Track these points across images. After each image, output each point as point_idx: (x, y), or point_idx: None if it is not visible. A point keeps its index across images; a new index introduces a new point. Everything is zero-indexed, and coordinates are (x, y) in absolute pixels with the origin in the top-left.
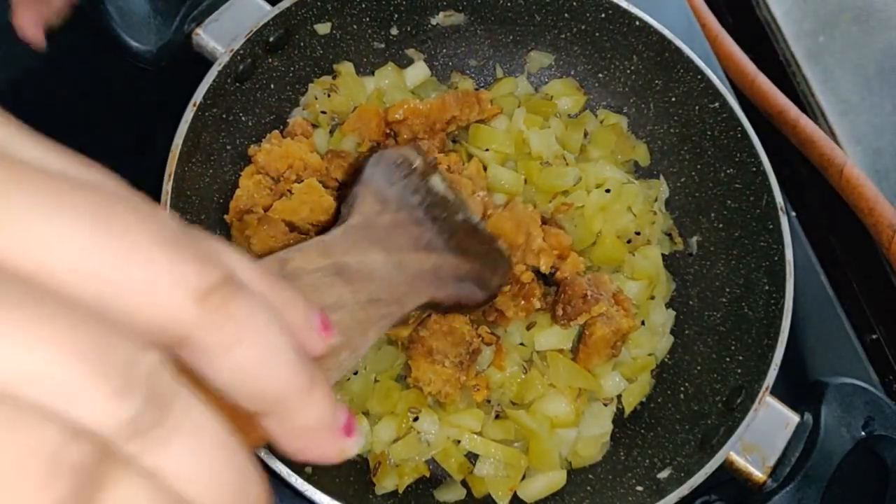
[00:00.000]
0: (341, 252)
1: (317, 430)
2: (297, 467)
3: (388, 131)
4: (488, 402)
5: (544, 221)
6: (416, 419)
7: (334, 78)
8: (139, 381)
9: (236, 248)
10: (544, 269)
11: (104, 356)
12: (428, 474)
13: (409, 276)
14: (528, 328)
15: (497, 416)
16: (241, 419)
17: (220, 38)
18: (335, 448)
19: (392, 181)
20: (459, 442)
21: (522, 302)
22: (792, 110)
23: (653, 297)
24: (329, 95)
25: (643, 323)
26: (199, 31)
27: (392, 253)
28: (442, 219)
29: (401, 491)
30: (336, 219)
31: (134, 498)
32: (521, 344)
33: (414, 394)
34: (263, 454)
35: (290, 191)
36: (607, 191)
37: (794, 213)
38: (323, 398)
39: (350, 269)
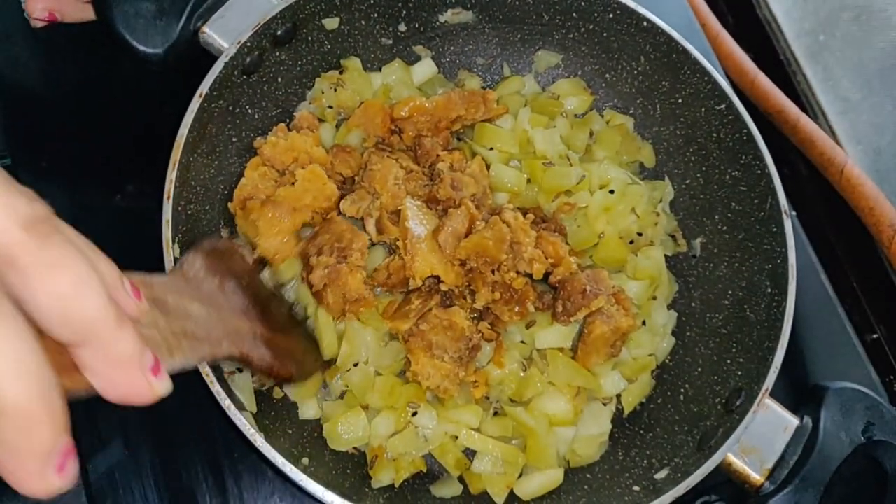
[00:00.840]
0: (160, 291)
1: (127, 364)
2: (294, 458)
3: (393, 128)
4: (487, 398)
5: (545, 221)
6: (414, 414)
7: (341, 73)
8: None
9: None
10: (537, 275)
11: None
12: (425, 469)
13: (227, 329)
14: (528, 326)
15: (496, 413)
16: (60, 360)
17: (226, 34)
18: (144, 385)
19: (224, 261)
20: (457, 438)
21: (517, 308)
22: (792, 110)
23: (654, 298)
24: (336, 90)
25: (644, 323)
26: (205, 28)
27: (213, 309)
28: (265, 304)
29: (397, 485)
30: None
31: None
32: (522, 341)
33: (413, 388)
34: (259, 444)
35: (293, 183)
36: (611, 191)
37: (794, 213)
38: (132, 336)
39: (167, 305)
